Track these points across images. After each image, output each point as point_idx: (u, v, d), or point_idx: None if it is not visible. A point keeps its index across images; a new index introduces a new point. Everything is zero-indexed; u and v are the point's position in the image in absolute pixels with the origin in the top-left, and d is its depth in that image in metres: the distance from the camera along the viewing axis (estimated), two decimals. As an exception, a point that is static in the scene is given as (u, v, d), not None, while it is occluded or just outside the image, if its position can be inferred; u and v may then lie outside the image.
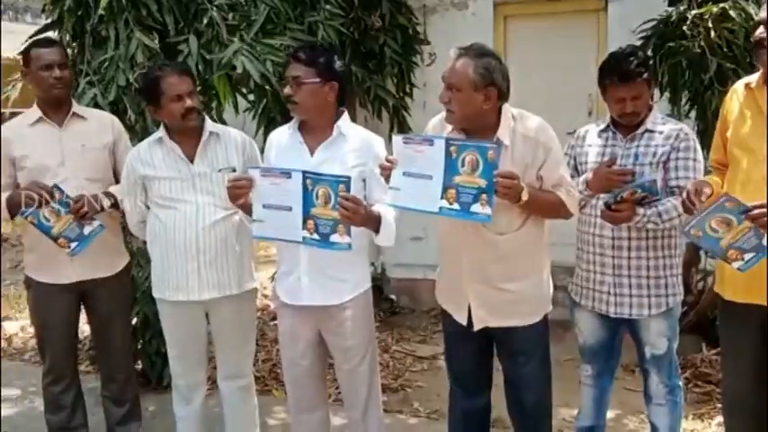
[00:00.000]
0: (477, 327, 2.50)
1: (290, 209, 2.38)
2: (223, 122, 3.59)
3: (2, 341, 5.08)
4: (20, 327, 5.30)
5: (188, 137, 2.76)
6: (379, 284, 5.27)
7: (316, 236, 2.38)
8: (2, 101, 3.98)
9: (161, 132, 2.79)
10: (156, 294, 2.87)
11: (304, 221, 2.38)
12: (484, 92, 2.29)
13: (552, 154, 2.38)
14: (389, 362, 4.33)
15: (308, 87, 2.49)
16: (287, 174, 2.39)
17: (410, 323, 5.04)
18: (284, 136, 2.66)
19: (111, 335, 3.17)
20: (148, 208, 2.82)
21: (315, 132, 2.59)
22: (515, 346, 2.53)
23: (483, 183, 2.17)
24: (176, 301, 2.80)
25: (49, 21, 3.59)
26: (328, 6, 3.78)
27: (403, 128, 4.72)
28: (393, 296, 5.37)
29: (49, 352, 3.11)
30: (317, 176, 2.35)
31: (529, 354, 2.53)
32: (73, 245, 2.81)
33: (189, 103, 2.69)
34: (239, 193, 2.47)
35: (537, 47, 5.05)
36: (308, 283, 2.58)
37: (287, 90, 2.52)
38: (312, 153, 2.57)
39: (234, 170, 2.76)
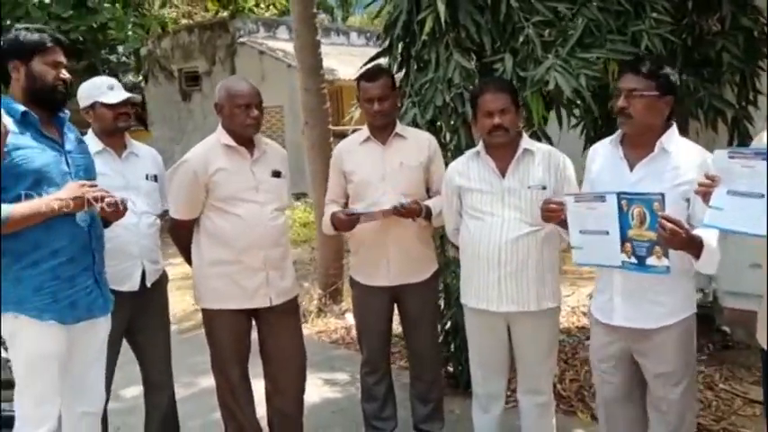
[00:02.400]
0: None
1: (606, 233, 2.34)
2: (547, 138, 3.62)
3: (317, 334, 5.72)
4: (357, 319, 5.94)
5: (503, 152, 2.82)
6: (710, 313, 4.77)
7: (633, 259, 2.30)
8: (346, 120, 4.51)
9: (480, 146, 2.90)
10: (462, 300, 3.00)
11: (622, 244, 2.31)
12: None
13: None
14: (713, 401, 3.89)
15: (644, 100, 2.40)
16: (601, 197, 2.34)
17: (744, 360, 4.43)
18: (606, 149, 2.61)
19: (419, 337, 3.38)
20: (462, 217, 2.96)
21: (637, 147, 2.48)
22: None
23: None
24: (478, 309, 2.88)
25: (380, 49, 3.95)
26: (654, 14, 3.54)
27: (745, 140, 4.22)
28: (726, 328, 4.81)
29: (365, 345, 3.43)
30: (632, 196, 2.27)
31: None
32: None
33: (497, 120, 2.75)
34: (551, 216, 2.53)
35: None
36: (621, 303, 2.50)
37: (621, 102, 2.44)
38: (632, 169, 2.47)
39: (544, 188, 2.77)
